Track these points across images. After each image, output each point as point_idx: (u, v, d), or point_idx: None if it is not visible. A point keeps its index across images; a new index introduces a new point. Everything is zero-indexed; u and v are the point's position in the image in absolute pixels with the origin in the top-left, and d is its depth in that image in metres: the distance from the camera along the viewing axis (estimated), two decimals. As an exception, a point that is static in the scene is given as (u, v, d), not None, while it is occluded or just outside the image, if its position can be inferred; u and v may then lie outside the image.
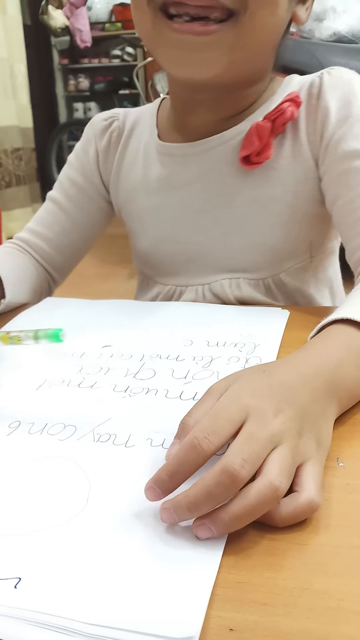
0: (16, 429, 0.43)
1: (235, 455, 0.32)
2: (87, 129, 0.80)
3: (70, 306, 0.69)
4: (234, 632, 0.27)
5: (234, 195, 0.69)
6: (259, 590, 0.29)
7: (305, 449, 0.35)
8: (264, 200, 0.68)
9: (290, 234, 0.69)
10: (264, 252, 0.70)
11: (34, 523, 0.33)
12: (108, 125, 0.78)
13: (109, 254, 2.89)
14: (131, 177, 0.75)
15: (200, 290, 0.74)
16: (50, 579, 0.29)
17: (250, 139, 0.64)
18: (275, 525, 0.33)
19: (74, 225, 0.80)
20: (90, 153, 0.78)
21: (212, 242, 0.71)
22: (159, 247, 0.75)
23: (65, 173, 0.80)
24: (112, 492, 0.36)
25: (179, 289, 0.76)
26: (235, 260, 0.71)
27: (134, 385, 0.49)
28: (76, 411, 0.45)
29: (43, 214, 0.81)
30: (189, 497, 0.31)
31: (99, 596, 0.28)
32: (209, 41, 0.57)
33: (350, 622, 0.27)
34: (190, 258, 0.73)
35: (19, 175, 3.60)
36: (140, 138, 0.75)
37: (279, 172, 0.67)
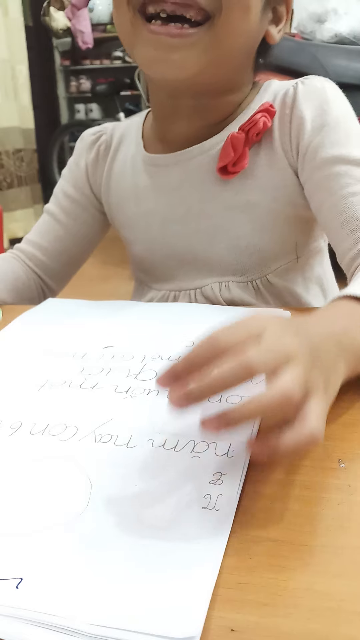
0: (18, 430, 0.43)
1: (255, 355, 0.35)
2: (78, 143, 0.83)
3: (72, 307, 0.69)
4: (235, 632, 0.27)
5: (215, 202, 0.71)
6: (260, 591, 0.29)
7: (313, 380, 0.36)
8: (244, 206, 0.70)
9: (274, 237, 0.71)
10: (249, 255, 0.72)
11: (35, 523, 0.33)
12: (96, 140, 0.80)
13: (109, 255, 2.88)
14: (121, 186, 0.78)
15: (193, 294, 0.75)
16: (51, 579, 0.29)
17: (227, 150, 0.66)
18: (278, 457, 0.34)
19: (68, 234, 0.82)
20: (81, 165, 0.81)
21: (200, 246, 0.73)
22: (152, 252, 0.77)
23: (60, 186, 0.84)
24: (114, 493, 0.36)
25: (172, 294, 0.77)
26: (223, 263, 0.73)
27: (136, 386, 0.49)
28: (77, 412, 0.45)
29: (39, 225, 0.84)
30: (211, 380, 0.34)
31: (100, 596, 0.28)
32: (184, 43, 0.58)
33: (351, 623, 0.27)
34: (181, 262, 0.75)
35: (20, 176, 3.60)
36: (128, 150, 0.77)
37: (257, 180, 0.68)
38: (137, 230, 0.78)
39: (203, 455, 0.39)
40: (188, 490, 0.35)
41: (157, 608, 0.27)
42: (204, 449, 0.40)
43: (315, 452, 0.40)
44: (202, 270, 0.74)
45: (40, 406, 0.47)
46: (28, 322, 0.65)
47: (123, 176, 0.77)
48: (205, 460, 0.38)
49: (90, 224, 0.83)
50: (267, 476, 0.37)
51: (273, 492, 0.36)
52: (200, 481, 0.36)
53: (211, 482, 0.36)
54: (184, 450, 0.40)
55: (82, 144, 0.82)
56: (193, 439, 0.41)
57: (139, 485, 0.36)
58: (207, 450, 0.39)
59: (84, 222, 0.83)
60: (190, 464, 0.38)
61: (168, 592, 0.28)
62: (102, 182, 0.80)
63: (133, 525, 0.33)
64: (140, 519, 0.33)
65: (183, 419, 0.44)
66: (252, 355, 0.35)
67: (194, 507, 0.34)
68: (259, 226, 0.70)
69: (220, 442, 0.40)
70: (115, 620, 0.27)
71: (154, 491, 0.36)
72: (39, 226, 0.84)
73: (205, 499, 0.35)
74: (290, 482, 0.37)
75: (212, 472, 0.37)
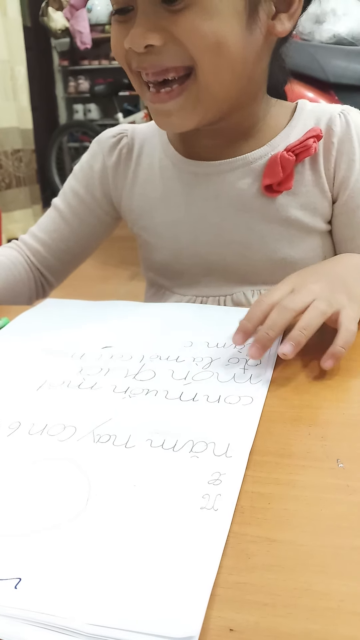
0: (16, 430, 0.43)
1: (289, 300, 0.51)
2: (95, 144, 0.81)
3: (71, 307, 0.69)
4: (234, 632, 0.27)
5: (253, 215, 0.71)
6: (260, 591, 0.29)
7: (337, 300, 0.51)
8: (284, 221, 0.71)
9: (306, 250, 0.73)
10: (282, 267, 0.72)
11: (34, 523, 0.33)
12: (117, 142, 0.79)
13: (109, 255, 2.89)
14: (148, 192, 0.76)
15: (222, 300, 0.76)
16: (50, 579, 0.29)
17: (275, 169, 0.68)
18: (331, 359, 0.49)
19: (72, 233, 0.82)
20: (95, 168, 0.80)
21: (233, 256, 0.73)
22: (178, 260, 0.76)
23: (69, 183, 0.83)
24: (112, 493, 0.36)
25: (199, 299, 0.77)
26: (256, 273, 0.74)
27: (134, 386, 0.49)
28: (76, 412, 0.45)
29: (45, 220, 0.84)
30: (267, 329, 0.49)
31: (99, 596, 0.28)
32: (176, 104, 0.62)
33: (350, 623, 0.27)
34: (210, 270, 0.75)
35: (19, 177, 3.60)
36: (153, 154, 0.76)
37: (298, 197, 0.70)
38: (164, 238, 0.77)
39: (202, 455, 0.39)
40: (186, 491, 0.35)
41: (156, 608, 0.27)
42: (202, 449, 0.40)
43: (314, 453, 0.40)
44: (231, 279, 0.75)
45: (38, 406, 0.46)
46: (27, 323, 0.65)
47: (151, 182, 0.76)
48: (203, 460, 0.38)
49: (96, 226, 0.83)
50: (266, 476, 0.37)
51: (272, 492, 0.36)
52: (198, 481, 0.36)
53: (210, 482, 0.36)
54: (182, 450, 0.40)
55: (100, 147, 0.80)
56: (192, 439, 0.41)
57: (138, 486, 0.36)
58: (206, 450, 0.39)
59: (90, 223, 0.82)
60: (188, 464, 0.38)
61: (167, 592, 0.28)
62: (124, 186, 0.79)
63: (131, 525, 0.33)
64: (139, 519, 0.33)
65: (182, 419, 0.44)
66: (286, 301, 0.50)
67: (193, 507, 0.34)
68: (295, 240, 0.72)
69: (219, 442, 0.40)
70: (114, 620, 0.27)
71: (153, 491, 0.36)
72: (45, 221, 0.83)
73: (203, 499, 0.35)
74: (289, 482, 0.37)
75: (211, 472, 0.37)
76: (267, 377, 0.49)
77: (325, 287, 0.52)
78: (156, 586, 0.29)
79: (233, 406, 0.45)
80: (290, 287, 0.53)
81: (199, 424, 0.43)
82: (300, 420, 0.44)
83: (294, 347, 0.48)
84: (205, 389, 0.48)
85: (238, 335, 0.51)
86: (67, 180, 0.84)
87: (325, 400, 0.47)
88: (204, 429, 0.42)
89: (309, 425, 0.43)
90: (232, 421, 0.43)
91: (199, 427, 0.42)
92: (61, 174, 4.39)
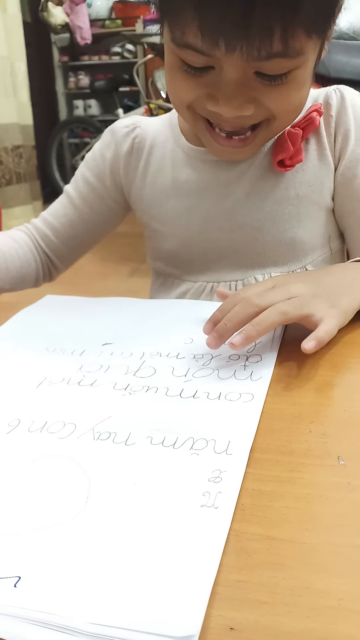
0: (16, 427, 0.43)
1: (257, 296, 0.51)
2: (108, 134, 0.82)
3: (70, 304, 0.69)
4: (235, 631, 0.27)
5: (266, 196, 0.72)
6: (260, 589, 0.29)
7: (316, 306, 0.50)
8: (294, 199, 0.72)
9: (313, 229, 0.74)
10: (293, 246, 0.74)
11: (33, 522, 0.33)
12: (130, 132, 0.79)
13: (109, 252, 2.89)
14: (159, 181, 0.77)
15: (234, 286, 0.77)
16: (50, 577, 0.29)
17: (284, 145, 0.69)
18: (314, 340, 0.48)
19: (82, 220, 0.83)
20: (107, 157, 0.80)
21: (244, 239, 0.74)
22: (189, 248, 0.77)
23: (81, 170, 0.84)
24: (112, 491, 0.35)
25: (209, 285, 0.78)
26: (266, 255, 0.75)
27: (134, 383, 0.49)
28: (76, 409, 0.45)
29: (56, 205, 0.85)
30: (227, 320, 0.50)
31: (99, 595, 0.28)
32: (248, 149, 0.65)
33: (350, 622, 0.27)
34: (221, 255, 0.76)
35: (19, 173, 3.59)
36: (165, 145, 0.77)
37: (306, 174, 0.72)
38: (175, 226, 0.77)
39: (202, 452, 0.39)
40: (187, 488, 0.35)
41: (156, 606, 0.27)
42: (203, 446, 0.39)
43: (315, 450, 0.40)
44: (241, 263, 0.76)
45: (38, 403, 0.46)
46: (26, 319, 0.64)
47: (162, 171, 0.77)
48: (204, 457, 0.38)
49: (105, 214, 0.84)
50: (266, 474, 0.37)
51: (272, 490, 0.36)
52: (199, 479, 0.36)
53: (210, 480, 0.36)
54: (182, 447, 0.39)
55: (113, 136, 0.80)
56: (192, 437, 0.41)
57: (138, 483, 0.36)
58: (206, 448, 0.39)
59: (99, 211, 0.83)
60: (189, 462, 0.38)
61: (167, 590, 0.28)
62: (135, 175, 0.80)
63: (132, 523, 0.33)
64: (139, 517, 0.33)
65: (182, 416, 0.44)
66: (254, 297, 0.51)
67: (193, 505, 0.34)
68: (304, 219, 0.73)
69: (220, 439, 0.40)
70: (115, 619, 0.27)
71: (153, 489, 0.36)
72: (56, 206, 0.85)
73: (204, 497, 0.34)
74: (290, 479, 0.37)
75: (212, 469, 0.37)
76: (267, 374, 0.49)
77: (305, 290, 0.52)
78: (156, 584, 0.28)
79: (233, 403, 0.45)
80: (272, 284, 0.53)
81: (199, 421, 0.43)
82: (301, 417, 0.44)
83: (242, 339, 0.48)
84: (205, 386, 0.48)
85: (207, 325, 0.52)
86: (79, 167, 0.85)
87: (327, 397, 0.47)
88: (204, 426, 0.42)
89: (310, 423, 0.43)
90: (233, 418, 0.43)
91: (200, 424, 0.42)
92: (61, 170, 4.39)
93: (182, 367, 0.51)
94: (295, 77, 0.56)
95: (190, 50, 0.53)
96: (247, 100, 0.57)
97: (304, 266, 0.77)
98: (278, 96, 0.57)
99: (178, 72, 0.58)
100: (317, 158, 0.72)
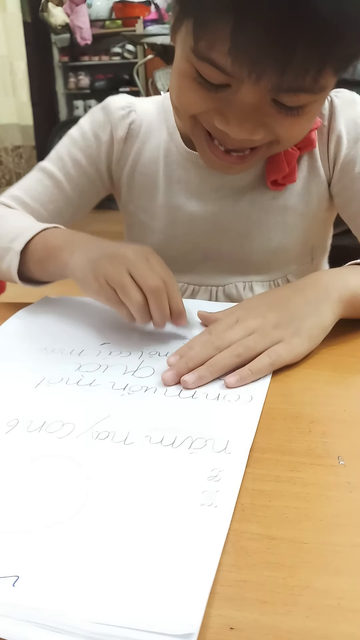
0: (15, 427, 0.43)
1: (217, 337, 0.52)
2: (100, 112, 0.75)
3: (69, 304, 0.69)
4: (234, 630, 0.27)
5: (253, 204, 0.72)
6: (259, 588, 0.29)
7: (277, 335, 0.51)
8: (281, 209, 0.72)
9: (298, 238, 0.74)
10: (276, 255, 0.74)
11: (32, 521, 0.33)
12: (126, 115, 0.74)
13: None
14: (151, 172, 0.75)
15: (214, 291, 0.77)
16: (48, 577, 0.29)
17: (279, 165, 0.68)
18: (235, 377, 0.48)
19: (69, 205, 0.77)
20: (102, 139, 0.75)
21: (229, 244, 0.74)
22: (172, 245, 0.76)
23: (68, 150, 0.76)
24: (111, 490, 0.35)
25: (191, 287, 0.78)
26: (250, 262, 0.75)
27: (133, 383, 0.49)
28: (75, 409, 0.45)
29: (38, 188, 0.76)
30: (188, 359, 0.50)
31: (98, 594, 0.28)
32: (244, 166, 0.63)
33: (350, 621, 0.27)
34: (204, 258, 0.76)
35: (19, 173, 3.60)
36: (160, 137, 0.74)
37: (296, 186, 0.72)
38: (160, 222, 0.76)
39: (201, 452, 0.39)
40: (186, 487, 0.35)
41: (155, 605, 0.27)
42: (201, 445, 0.39)
43: (315, 450, 0.39)
44: (224, 267, 0.76)
45: (37, 403, 0.46)
46: (25, 319, 0.64)
47: (154, 163, 0.74)
48: (203, 456, 0.38)
49: (92, 198, 0.79)
50: (266, 473, 0.37)
51: (272, 489, 0.36)
52: (198, 478, 0.36)
53: (209, 479, 0.36)
54: (181, 447, 0.39)
55: (108, 117, 0.74)
56: (190, 436, 0.40)
57: (137, 482, 0.36)
58: (205, 447, 0.39)
59: (87, 196, 0.78)
60: (188, 461, 0.38)
61: (166, 589, 0.28)
62: (127, 162, 0.76)
63: (130, 522, 0.33)
64: (138, 516, 0.33)
65: (181, 415, 0.44)
66: (214, 338, 0.52)
67: (192, 504, 0.34)
68: (289, 228, 0.73)
69: (218, 439, 0.40)
70: (114, 618, 0.26)
71: (152, 488, 0.36)
72: (37, 189, 0.76)
73: (203, 496, 0.34)
74: (290, 479, 0.37)
75: (210, 468, 0.37)
76: (267, 376, 0.49)
77: (265, 322, 0.52)
78: (156, 583, 0.28)
79: (232, 404, 0.45)
80: (235, 319, 0.53)
81: (198, 421, 0.43)
82: (301, 417, 0.44)
83: (195, 379, 0.48)
84: (204, 387, 0.48)
85: (172, 357, 0.51)
86: (64, 145, 0.77)
87: (326, 397, 0.47)
88: (203, 426, 0.42)
89: (309, 422, 0.43)
90: (232, 418, 0.43)
91: (198, 423, 0.42)
92: (61, 171, 4.37)
93: (182, 367, 0.51)
94: (311, 109, 0.56)
95: (212, 66, 0.51)
96: (258, 124, 0.56)
97: (285, 275, 0.77)
98: (290, 125, 0.56)
99: (190, 81, 0.55)
100: (306, 170, 0.71)
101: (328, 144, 0.70)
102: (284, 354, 0.50)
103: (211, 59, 0.51)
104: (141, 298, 0.53)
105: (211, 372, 0.49)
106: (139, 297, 0.53)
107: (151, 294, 0.53)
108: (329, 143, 0.70)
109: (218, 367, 0.49)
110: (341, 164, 0.70)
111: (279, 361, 0.50)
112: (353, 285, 0.56)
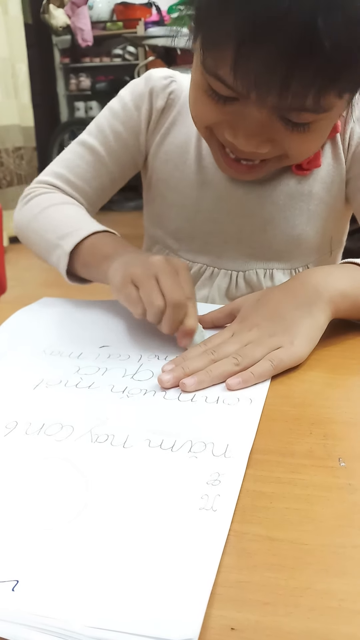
0: (13, 430, 0.43)
1: (215, 349, 0.52)
2: (142, 83, 0.75)
3: (68, 306, 0.69)
4: (235, 631, 0.27)
5: (278, 188, 0.72)
6: (261, 590, 0.29)
7: (275, 342, 0.51)
8: (305, 195, 0.72)
9: (320, 228, 0.74)
10: (299, 242, 0.74)
11: (31, 525, 0.33)
12: (167, 85, 0.75)
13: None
14: (182, 145, 0.74)
15: (235, 276, 0.76)
16: (48, 581, 0.29)
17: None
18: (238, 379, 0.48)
19: (111, 181, 0.78)
20: (142, 109, 0.75)
21: (251, 228, 0.74)
22: (194, 223, 0.76)
23: (109, 123, 0.76)
24: (110, 493, 0.35)
25: (210, 269, 0.77)
26: (271, 248, 0.75)
27: (132, 386, 0.49)
28: (74, 412, 0.45)
29: (81, 164, 0.76)
30: (185, 367, 0.50)
31: (98, 598, 0.28)
32: (253, 176, 0.64)
33: (351, 622, 0.27)
34: (226, 240, 0.75)
35: (20, 175, 3.59)
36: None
37: (321, 171, 0.72)
38: (184, 196, 0.75)
39: (200, 455, 0.39)
40: (185, 491, 0.35)
41: (154, 609, 0.27)
42: (201, 449, 0.39)
43: (316, 451, 0.39)
44: (245, 252, 0.75)
45: (35, 406, 0.46)
46: (23, 321, 0.64)
47: (187, 135, 0.74)
48: (202, 460, 0.38)
49: (130, 171, 0.79)
50: (267, 475, 0.37)
51: (273, 491, 0.36)
52: (197, 482, 0.36)
53: (209, 483, 0.36)
54: (181, 450, 0.39)
55: (148, 86, 0.75)
56: (190, 439, 0.40)
57: (136, 486, 0.36)
58: (205, 451, 0.39)
59: (127, 170, 0.78)
60: (187, 465, 0.38)
61: (165, 593, 0.28)
62: (160, 131, 0.76)
63: (130, 526, 0.33)
64: (137, 519, 0.33)
65: (180, 419, 0.44)
66: (210, 350, 0.52)
67: (192, 508, 0.34)
68: (313, 215, 0.73)
69: (218, 442, 0.40)
70: (114, 622, 0.26)
71: (151, 492, 0.35)
72: (80, 165, 0.76)
73: (202, 500, 0.34)
74: (291, 481, 0.36)
75: (210, 472, 0.37)
76: (266, 380, 0.49)
77: (260, 333, 0.52)
78: (155, 588, 0.28)
79: (232, 407, 0.45)
80: (230, 333, 0.54)
81: (197, 424, 0.43)
82: (301, 418, 0.44)
83: (194, 383, 0.48)
84: (203, 390, 0.48)
85: (168, 364, 0.51)
86: (104, 117, 0.76)
87: (327, 399, 0.47)
88: (202, 429, 0.42)
89: (310, 424, 0.43)
90: (231, 422, 0.43)
91: (198, 427, 0.42)
92: (62, 172, 4.37)
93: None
94: (319, 127, 0.56)
95: (219, 82, 0.52)
96: (266, 139, 0.56)
97: (306, 264, 0.77)
98: (298, 141, 0.57)
99: (202, 93, 0.56)
100: (331, 156, 0.72)
101: (344, 133, 0.71)
102: (285, 358, 0.50)
103: (217, 75, 0.52)
104: (163, 306, 0.53)
105: (210, 377, 0.49)
106: (161, 303, 0.53)
107: (172, 307, 0.53)
108: (345, 132, 0.71)
109: (217, 373, 0.49)
110: (353, 152, 0.71)
111: (280, 365, 0.50)
112: (343, 286, 0.56)
